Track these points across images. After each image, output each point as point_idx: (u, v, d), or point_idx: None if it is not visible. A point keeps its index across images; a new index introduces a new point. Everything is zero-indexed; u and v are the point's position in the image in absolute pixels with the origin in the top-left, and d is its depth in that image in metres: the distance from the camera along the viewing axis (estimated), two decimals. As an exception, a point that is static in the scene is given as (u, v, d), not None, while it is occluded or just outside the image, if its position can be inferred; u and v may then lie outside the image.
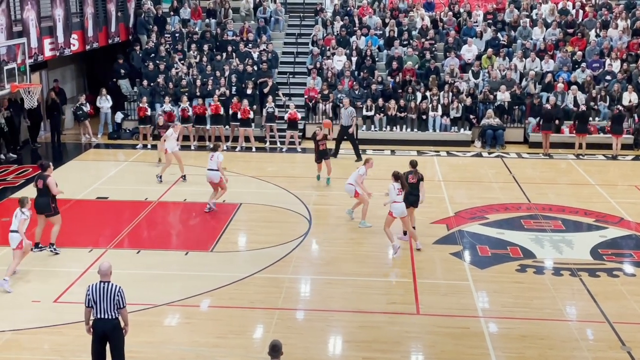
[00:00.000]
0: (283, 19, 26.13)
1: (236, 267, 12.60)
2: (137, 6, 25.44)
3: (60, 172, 18.10)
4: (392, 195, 12.97)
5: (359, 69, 23.46)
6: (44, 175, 12.92)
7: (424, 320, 10.76)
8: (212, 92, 21.74)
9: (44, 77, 22.31)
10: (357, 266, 12.65)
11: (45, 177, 12.86)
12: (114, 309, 8.35)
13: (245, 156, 20.36)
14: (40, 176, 12.94)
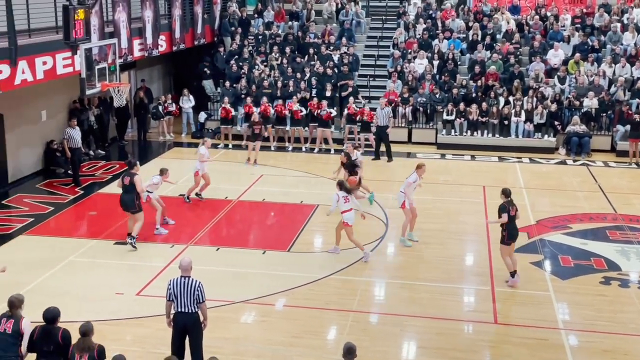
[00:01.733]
0: (365, 22, 26.15)
1: (312, 268, 12.69)
2: (222, 8, 25.99)
3: (145, 169, 18.64)
4: (340, 206, 12.66)
5: (441, 72, 23.22)
6: (132, 172, 13.36)
7: (501, 329, 10.56)
8: (293, 94, 21.97)
9: (132, 77, 23.07)
10: (434, 272, 12.52)
11: (132, 174, 13.30)
12: (193, 303, 8.55)
13: (323, 158, 20.46)
14: (127, 173, 13.38)
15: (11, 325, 7.70)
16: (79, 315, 8.37)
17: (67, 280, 11.97)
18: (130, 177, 13.22)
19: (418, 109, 22.21)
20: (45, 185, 17.49)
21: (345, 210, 12.68)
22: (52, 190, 17.07)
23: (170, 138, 22.54)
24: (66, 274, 12.18)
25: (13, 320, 7.74)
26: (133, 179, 13.19)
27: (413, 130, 22.07)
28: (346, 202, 12.68)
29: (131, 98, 22.53)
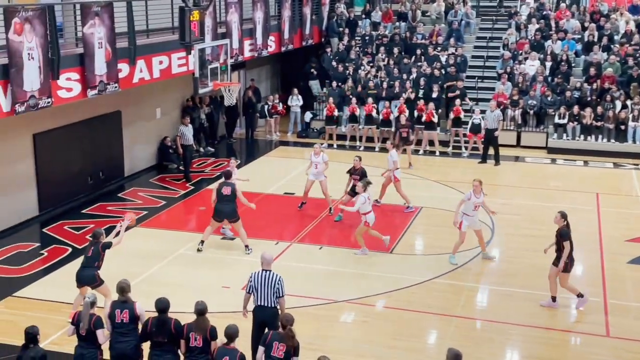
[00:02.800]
0: (474, 23, 25.65)
1: (415, 271, 12.57)
2: (330, 9, 26.21)
3: (252, 167, 19.17)
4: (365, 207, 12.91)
5: (553, 74, 22.44)
6: (231, 182, 13.20)
7: (614, 343, 10.08)
8: (399, 95, 21.86)
9: (242, 77, 23.65)
10: (541, 280, 12.08)
11: (233, 184, 13.12)
12: (273, 297, 8.64)
13: (429, 160, 20.23)
14: (226, 184, 13.11)
15: (127, 315, 8.05)
16: (187, 307, 8.65)
17: (176, 272, 12.40)
18: (231, 187, 13.07)
19: (528, 111, 21.57)
20: (158, 180, 18.22)
21: (367, 211, 12.91)
22: (165, 185, 17.76)
23: (276, 137, 22.95)
24: (176, 266, 12.63)
25: (128, 310, 8.07)
26: (234, 188, 13.06)
27: (522, 133, 21.46)
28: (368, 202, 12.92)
29: (240, 97, 23.10)
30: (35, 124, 14.80)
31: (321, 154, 15.47)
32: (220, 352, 7.64)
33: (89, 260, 10.22)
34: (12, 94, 12.10)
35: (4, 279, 12.19)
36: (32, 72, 12.40)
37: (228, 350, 7.61)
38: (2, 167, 14.28)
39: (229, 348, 7.63)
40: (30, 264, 12.80)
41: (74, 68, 13.76)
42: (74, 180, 16.28)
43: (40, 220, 15.10)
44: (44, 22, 12.53)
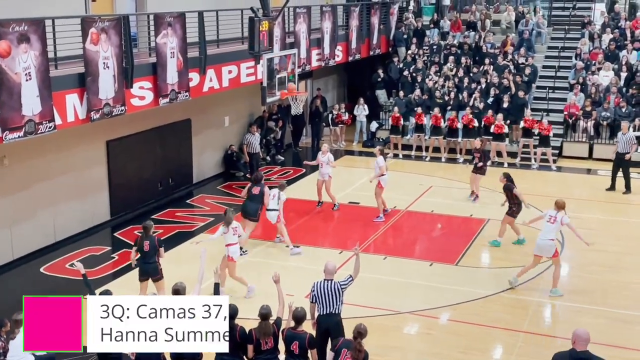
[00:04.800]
0: (545, 32, 25.12)
1: (481, 284, 12.36)
2: (398, 19, 26.15)
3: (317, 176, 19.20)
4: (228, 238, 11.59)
5: (628, 85, 21.75)
6: (262, 184, 13.69)
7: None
8: (466, 105, 21.59)
9: (309, 86, 23.82)
10: (612, 297, 11.73)
11: (263, 186, 13.65)
12: (336, 305, 8.71)
13: (495, 172, 19.82)
14: (258, 184, 13.57)
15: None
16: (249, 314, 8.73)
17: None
18: (260, 187, 13.52)
19: (601, 123, 20.96)
20: (225, 187, 18.49)
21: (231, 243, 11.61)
22: (231, 192, 18.00)
23: (342, 146, 23.00)
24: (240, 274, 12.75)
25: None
26: (263, 189, 13.52)
27: (595, 145, 20.86)
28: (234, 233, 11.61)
29: (307, 106, 23.25)
30: (109, 131, 15.26)
31: (327, 153, 15.99)
32: (289, 336, 7.86)
33: (147, 254, 10.64)
34: (87, 102, 12.51)
35: (76, 281, 12.57)
36: (107, 80, 12.80)
37: (296, 334, 7.86)
38: (77, 173, 14.77)
39: (298, 332, 7.80)
40: (102, 267, 13.18)
41: (147, 77, 14.13)
42: (145, 186, 16.69)
43: (112, 225, 15.54)
44: (119, 32, 12.93)
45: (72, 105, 12.33)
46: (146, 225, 10.98)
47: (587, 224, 15.27)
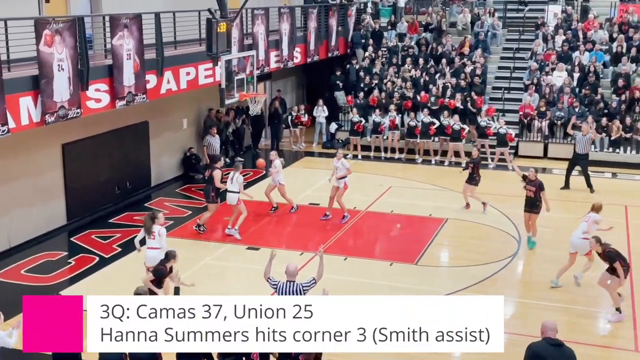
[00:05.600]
0: (500, 34, 25.53)
1: (440, 283, 12.50)
2: (356, 21, 26.27)
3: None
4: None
5: (581, 85, 22.24)
6: (214, 166, 14.63)
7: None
8: (424, 106, 21.80)
9: (268, 88, 23.77)
10: (569, 293, 11.97)
11: (213, 168, 14.55)
12: None
13: (454, 171, 20.10)
14: (210, 167, 14.75)
15: None
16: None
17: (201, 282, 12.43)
18: (211, 170, 14.49)
19: (555, 123, 21.39)
20: (184, 190, 18.34)
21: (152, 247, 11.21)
22: (190, 195, 17.87)
23: (301, 147, 23.01)
24: (201, 277, 12.67)
25: None
26: (213, 172, 14.41)
27: (549, 144, 21.28)
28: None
29: (266, 108, 23.21)
30: (65, 135, 15.01)
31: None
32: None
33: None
34: (42, 104, 12.28)
35: (32, 287, 12.34)
36: (62, 83, 12.58)
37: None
38: (32, 177, 14.48)
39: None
40: (58, 272, 12.95)
41: (103, 79, 13.93)
42: (102, 189, 16.47)
43: (68, 229, 15.29)
44: (74, 34, 12.71)
45: (26, 108, 12.09)
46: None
47: (544, 222, 15.56)
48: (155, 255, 11.17)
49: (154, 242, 11.27)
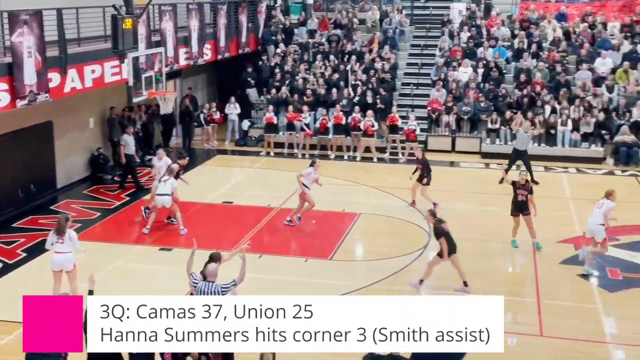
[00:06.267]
0: (408, 30, 26.06)
1: (354, 277, 12.65)
2: (267, 17, 26.21)
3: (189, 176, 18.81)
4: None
5: (485, 80, 22.99)
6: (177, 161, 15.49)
7: (547, 342, 10.35)
8: (336, 102, 22.00)
9: (178, 85, 23.40)
10: (479, 282, 12.34)
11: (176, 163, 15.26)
12: None
13: (366, 166, 20.42)
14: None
15: None
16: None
17: (112, 285, 12.12)
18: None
19: (462, 117, 22.03)
20: (92, 192, 17.82)
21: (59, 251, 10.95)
22: (99, 196, 17.38)
23: (214, 145, 22.77)
24: (112, 280, 12.35)
25: None
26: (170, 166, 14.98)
27: (457, 139, 21.89)
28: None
29: (177, 106, 22.83)
30: (-38, 136, 14.31)
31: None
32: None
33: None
34: None
35: None
36: (-43, 82, 11.99)
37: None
38: None
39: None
40: (-42, 280, 12.34)
41: (2, 78, 13.37)
42: (4, 193, 15.80)
43: (-31, 235, 14.59)
44: (-31, 31, 12.14)
45: None
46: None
47: (452, 214, 15.99)
48: (63, 259, 10.80)
49: (63, 246, 10.88)
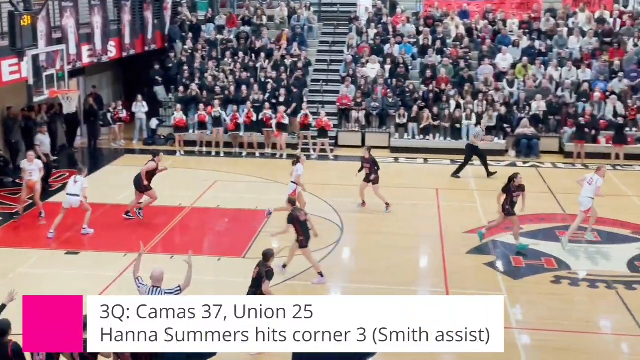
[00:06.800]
0: (317, 27, 26.23)
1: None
2: (173, 14, 25.77)
3: (96, 176, 18.38)
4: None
5: (393, 77, 23.43)
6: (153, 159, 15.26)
7: (457, 330, 10.66)
8: (246, 99, 21.90)
9: (82, 84, 22.68)
10: (389, 276, 12.59)
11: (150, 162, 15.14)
12: None
13: (276, 163, 20.42)
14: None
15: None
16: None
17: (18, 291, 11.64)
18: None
19: (371, 113, 22.37)
20: (-8, 195, 17.07)
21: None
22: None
23: (121, 145, 22.22)
24: (15, 286, 11.83)
25: None
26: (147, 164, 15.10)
27: (366, 134, 22.22)
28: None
29: (81, 105, 22.14)
30: None
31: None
32: None
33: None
34: None
35: None
36: None
37: None
38: None
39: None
40: None
41: None
42: None
43: None
44: None
45: None
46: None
47: (365, 208, 16.25)
48: None
49: None
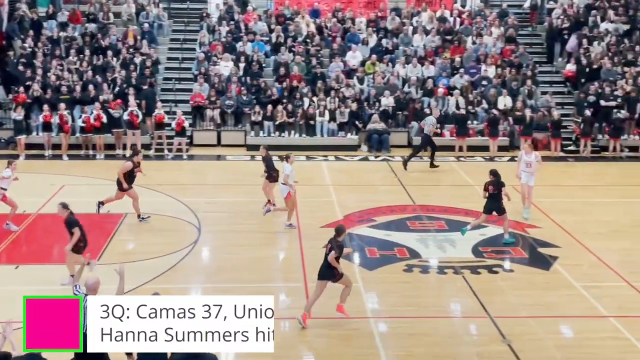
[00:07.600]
0: (167, 24, 25.68)
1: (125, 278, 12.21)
2: (10, 10, 24.24)
3: None
4: None
5: (247, 74, 23.41)
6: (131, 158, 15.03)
7: (316, 323, 10.83)
8: (95, 99, 21.05)
9: None
10: (249, 273, 12.61)
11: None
12: None
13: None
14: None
15: None
16: None
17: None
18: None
19: (226, 111, 22.25)
20: None
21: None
22: None
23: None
24: None
25: None
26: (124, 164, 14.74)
27: (222, 132, 22.09)
28: None
29: None
30: None
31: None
32: None
33: None
34: None
35: None
36: None
37: None
38: None
39: None
40: None
41: None
42: None
43: None
44: None
45: None
46: None
47: (220, 207, 16.17)
48: None
49: None
